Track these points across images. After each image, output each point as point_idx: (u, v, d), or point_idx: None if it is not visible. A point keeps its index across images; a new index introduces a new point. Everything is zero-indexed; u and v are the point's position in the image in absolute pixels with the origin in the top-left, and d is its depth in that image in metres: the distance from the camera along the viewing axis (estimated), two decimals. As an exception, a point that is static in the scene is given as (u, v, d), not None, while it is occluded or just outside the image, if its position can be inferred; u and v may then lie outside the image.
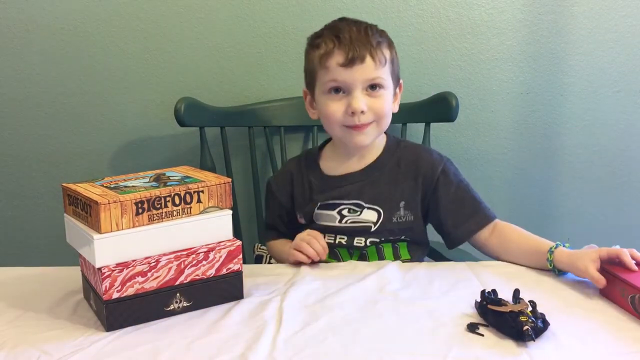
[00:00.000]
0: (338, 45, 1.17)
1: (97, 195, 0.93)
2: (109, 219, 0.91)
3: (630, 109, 1.68)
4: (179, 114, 1.47)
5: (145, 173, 1.08)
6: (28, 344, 0.88)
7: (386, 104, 1.20)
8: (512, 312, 0.87)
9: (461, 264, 1.15)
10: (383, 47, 1.19)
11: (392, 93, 1.23)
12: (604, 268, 1.01)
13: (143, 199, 0.94)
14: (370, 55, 1.16)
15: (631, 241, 1.74)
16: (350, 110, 1.17)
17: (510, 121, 1.68)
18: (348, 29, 1.18)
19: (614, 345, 0.85)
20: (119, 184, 1.01)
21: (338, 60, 1.16)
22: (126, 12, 1.62)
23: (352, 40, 1.16)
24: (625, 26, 1.62)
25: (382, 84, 1.18)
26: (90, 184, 1.01)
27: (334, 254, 1.25)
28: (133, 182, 1.01)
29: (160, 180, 1.02)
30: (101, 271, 0.90)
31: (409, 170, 1.25)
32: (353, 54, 1.15)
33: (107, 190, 0.96)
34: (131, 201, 0.93)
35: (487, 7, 1.61)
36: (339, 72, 1.16)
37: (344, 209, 1.24)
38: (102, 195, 0.93)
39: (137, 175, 1.06)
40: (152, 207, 0.95)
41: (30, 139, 1.70)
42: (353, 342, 0.86)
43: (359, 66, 1.16)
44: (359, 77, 1.16)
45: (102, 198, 0.91)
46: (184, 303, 0.97)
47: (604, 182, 1.72)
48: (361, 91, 1.17)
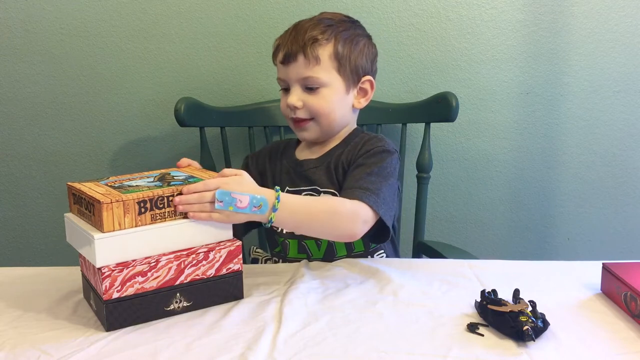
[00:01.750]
0: (281, 43, 1.24)
1: (100, 195, 0.93)
2: (112, 217, 0.91)
3: (630, 109, 1.67)
4: (179, 114, 1.48)
5: (150, 172, 1.08)
6: (28, 344, 0.88)
7: (324, 102, 1.22)
8: (512, 312, 0.87)
9: (461, 264, 1.15)
10: (319, 45, 1.20)
11: (339, 90, 1.23)
12: (604, 267, 1.01)
13: (146, 198, 0.94)
14: (303, 54, 1.20)
15: (631, 241, 1.75)
16: (288, 105, 1.23)
17: (510, 121, 1.68)
18: (299, 25, 1.23)
19: (614, 345, 0.85)
20: (123, 183, 1.01)
21: (279, 57, 1.24)
22: (126, 12, 1.62)
23: (289, 38, 1.22)
24: (625, 26, 1.62)
25: (318, 82, 1.21)
26: (94, 182, 1.02)
27: (302, 248, 1.26)
28: (137, 182, 1.02)
29: (165, 180, 1.03)
30: (101, 271, 0.90)
31: (348, 154, 1.25)
32: (287, 52, 1.21)
33: (111, 190, 0.96)
34: (134, 200, 0.93)
35: (487, 7, 1.61)
36: (280, 69, 1.25)
37: (306, 195, 1.25)
38: (105, 194, 0.93)
39: (141, 175, 1.07)
40: (155, 207, 0.95)
41: (30, 139, 1.70)
42: (353, 342, 0.86)
43: (293, 64, 1.21)
44: (293, 75, 1.22)
45: (104, 197, 0.92)
46: (184, 303, 0.97)
47: (604, 182, 1.72)
48: (299, 87, 1.22)
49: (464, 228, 1.75)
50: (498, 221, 1.75)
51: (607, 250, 1.74)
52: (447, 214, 1.73)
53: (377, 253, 1.28)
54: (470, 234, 1.75)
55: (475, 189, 1.72)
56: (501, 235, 1.76)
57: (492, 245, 1.76)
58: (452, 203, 1.73)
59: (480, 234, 1.75)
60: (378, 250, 1.28)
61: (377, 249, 1.28)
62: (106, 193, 0.94)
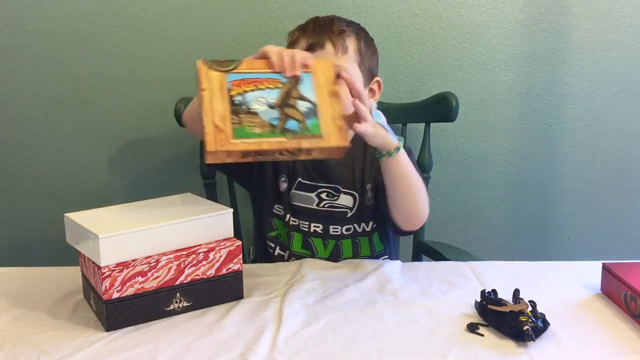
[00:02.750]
0: (302, 34, 1.20)
1: (213, 127, 0.89)
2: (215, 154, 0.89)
3: (630, 109, 1.67)
4: (179, 114, 1.47)
5: (277, 85, 0.97)
6: (28, 344, 0.88)
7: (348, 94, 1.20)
8: (512, 312, 0.87)
9: (461, 264, 1.15)
10: (347, 36, 1.19)
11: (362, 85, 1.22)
12: (604, 267, 1.01)
13: (251, 150, 0.91)
14: (331, 42, 1.18)
15: (631, 241, 1.75)
16: None
17: (510, 121, 1.68)
18: (314, 20, 1.22)
19: (614, 345, 0.85)
20: (246, 97, 0.93)
21: (301, 47, 1.18)
22: (126, 12, 1.62)
23: (315, 28, 1.19)
24: (625, 26, 1.62)
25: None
26: (222, 73, 0.94)
27: (307, 244, 1.26)
28: (259, 106, 0.93)
29: (284, 117, 0.94)
30: (101, 271, 0.90)
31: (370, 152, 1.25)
32: (313, 40, 1.18)
33: (228, 116, 0.90)
34: (239, 152, 0.90)
35: (487, 7, 1.61)
36: None
37: (323, 192, 1.25)
38: (219, 126, 0.89)
39: (268, 82, 0.96)
40: (259, 155, 0.93)
41: (30, 139, 1.70)
42: (353, 342, 0.86)
43: (319, 52, 1.17)
44: None
45: (215, 135, 0.88)
46: (184, 303, 0.97)
47: (603, 182, 1.72)
48: None
49: (464, 228, 1.75)
50: (498, 221, 1.75)
51: (607, 250, 1.74)
52: (447, 214, 1.73)
53: (382, 258, 1.28)
54: (470, 234, 1.75)
55: (475, 189, 1.72)
56: (501, 235, 1.76)
57: (492, 245, 1.76)
58: (452, 203, 1.73)
59: (480, 234, 1.75)
60: (383, 255, 1.28)
61: (382, 253, 1.28)
62: (221, 122, 0.89)
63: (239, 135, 0.91)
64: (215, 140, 0.89)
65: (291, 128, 0.94)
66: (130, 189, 1.71)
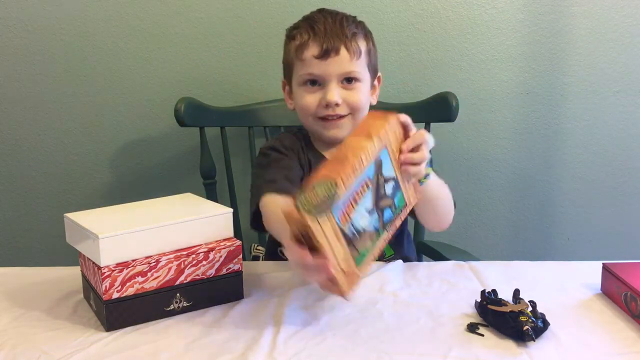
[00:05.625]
0: (313, 36, 1.16)
1: (342, 274, 0.81)
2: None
3: (630, 109, 1.67)
4: (179, 114, 1.47)
5: (367, 185, 0.84)
6: (28, 344, 0.88)
7: (362, 96, 1.19)
8: (512, 312, 0.87)
9: (461, 264, 1.15)
10: (359, 39, 1.18)
11: (368, 85, 1.22)
12: (604, 267, 1.01)
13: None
14: (345, 47, 1.15)
15: (631, 241, 1.75)
16: (325, 102, 1.16)
17: (510, 121, 1.68)
18: (323, 20, 1.17)
19: (614, 345, 0.85)
20: (353, 223, 0.82)
21: (313, 52, 1.15)
22: (126, 12, 1.62)
23: (327, 32, 1.15)
24: (625, 26, 1.62)
25: (357, 77, 1.18)
26: (330, 218, 0.79)
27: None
28: (363, 221, 0.84)
29: (380, 213, 0.88)
30: (101, 271, 0.90)
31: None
32: (327, 46, 1.14)
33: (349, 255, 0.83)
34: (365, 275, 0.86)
35: (487, 7, 1.61)
36: (314, 64, 1.16)
37: None
38: (345, 270, 0.82)
39: (362, 190, 0.84)
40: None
41: (30, 139, 1.70)
42: (353, 342, 0.86)
43: (334, 58, 1.15)
44: (334, 70, 1.16)
45: (347, 280, 0.82)
46: (184, 303, 0.97)
47: (604, 182, 1.72)
48: (336, 83, 1.17)
49: (464, 228, 1.75)
50: (498, 221, 1.75)
51: (607, 250, 1.74)
52: (447, 214, 1.73)
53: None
54: (470, 233, 1.75)
55: (475, 189, 1.72)
56: (501, 235, 1.76)
57: (492, 245, 1.76)
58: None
59: (480, 233, 1.75)
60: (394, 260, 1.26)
61: (392, 258, 1.25)
62: (346, 266, 0.81)
63: (360, 263, 0.86)
64: (347, 284, 0.84)
65: (388, 219, 0.91)
66: (130, 189, 1.71)
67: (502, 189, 1.73)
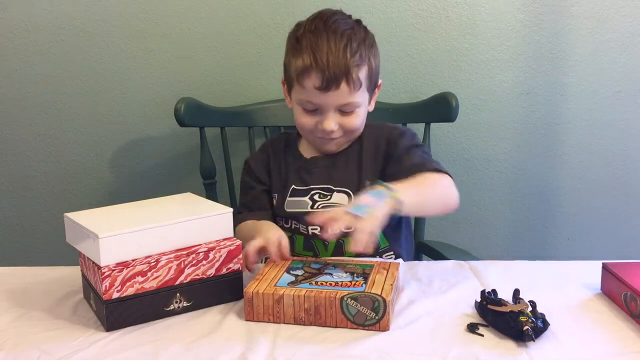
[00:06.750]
0: (315, 65, 1.15)
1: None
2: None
3: (630, 109, 1.67)
4: (179, 114, 1.48)
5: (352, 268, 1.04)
6: (28, 344, 0.88)
7: (358, 121, 1.22)
8: (512, 312, 0.87)
9: (461, 264, 1.15)
10: (361, 69, 1.17)
11: (367, 105, 1.24)
12: (604, 267, 1.01)
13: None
14: (346, 81, 1.15)
15: (631, 241, 1.75)
16: (321, 128, 1.20)
17: (510, 121, 1.68)
18: (327, 46, 1.15)
19: (614, 345, 0.85)
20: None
21: (314, 82, 1.15)
22: (126, 12, 1.62)
23: (329, 64, 1.14)
24: (625, 26, 1.62)
25: (355, 105, 1.20)
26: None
27: (309, 245, 1.26)
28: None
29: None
30: (101, 271, 0.90)
31: (369, 149, 1.26)
32: (329, 79, 1.14)
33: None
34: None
35: (487, 7, 1.61)
36: (314, 94, 1.17)
37: (315, 194, 1.25)
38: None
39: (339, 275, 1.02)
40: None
41: (30, 139, 1.70)
42: (353, 342, 0.86)
43: (334, 92, 1.16)
44: (332, 101, 1.18)
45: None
46: (184, 303, 0.97)
47: (604, 182, 1.72)
48: (334, 112, 1.19)
49: (464, 228, 1.75)
50: (498, 221, 1.75)
51: (607, 250, 1.74)
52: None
53: (387, 254, 1.27)
54: (470, 234, 1.75)
55: (475, 189, 1.72)
56: (501, 235, 1.76)
57: (492, 245, 1.76)
58: (452, 203, 1.73)
59: (480, 234, 1.75)
60: (388, 252, 1.27)
61: (387, 250, 1.27)
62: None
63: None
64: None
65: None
66: (130, 189, 1.71)
67: (502, 189, 1.72)
